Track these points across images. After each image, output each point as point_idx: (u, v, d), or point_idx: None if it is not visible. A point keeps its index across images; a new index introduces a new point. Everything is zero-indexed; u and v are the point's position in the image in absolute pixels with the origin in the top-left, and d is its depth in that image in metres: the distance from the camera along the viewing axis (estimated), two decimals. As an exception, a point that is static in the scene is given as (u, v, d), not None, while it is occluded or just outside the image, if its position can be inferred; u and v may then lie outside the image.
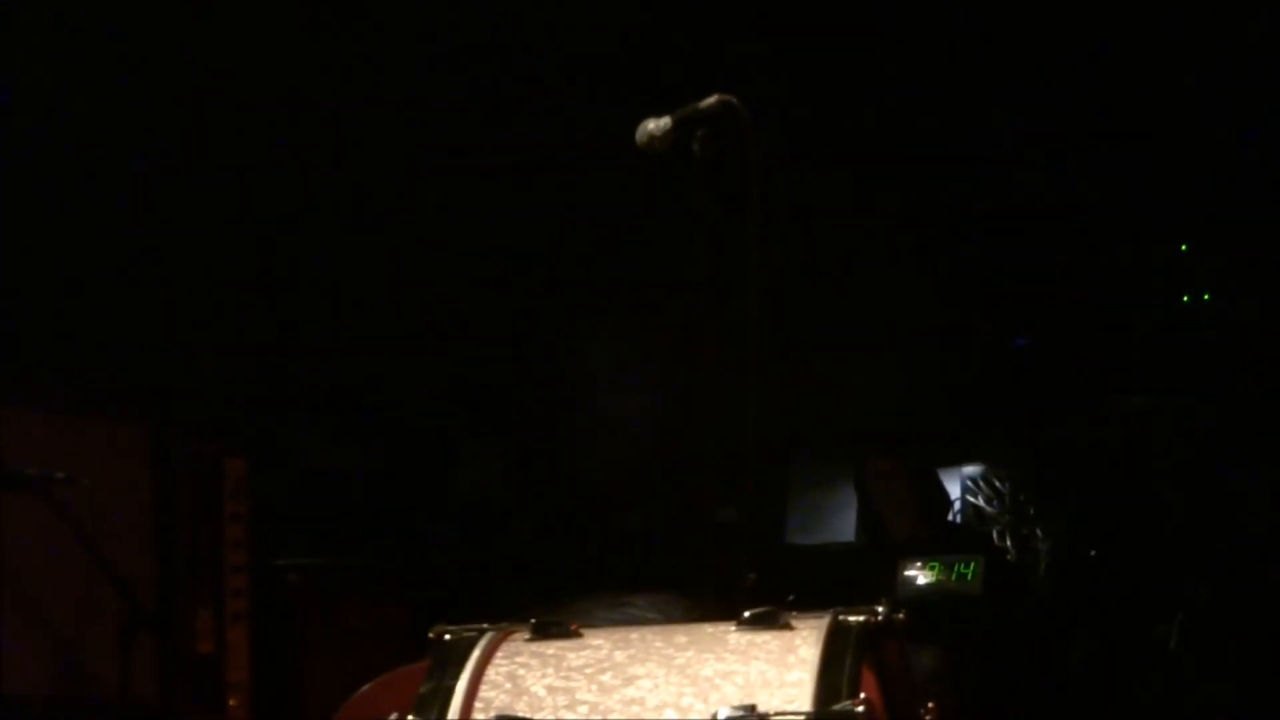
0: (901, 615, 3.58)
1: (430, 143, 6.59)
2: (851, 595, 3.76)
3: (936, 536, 6.75)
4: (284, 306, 6.45)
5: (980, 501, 7.32)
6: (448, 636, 3.63)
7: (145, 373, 5.90)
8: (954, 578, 6.41)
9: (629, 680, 3.47)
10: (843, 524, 6.76)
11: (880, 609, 3.54)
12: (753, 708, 3.33)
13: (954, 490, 7.31)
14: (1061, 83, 7.13)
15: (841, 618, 3.51)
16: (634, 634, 3.65)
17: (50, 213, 5.95)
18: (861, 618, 3.51)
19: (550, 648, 3.59)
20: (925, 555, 6.47)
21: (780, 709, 3.33)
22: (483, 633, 3.64)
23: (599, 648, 3.57)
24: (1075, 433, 7.29)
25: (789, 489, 6.87)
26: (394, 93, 6.54)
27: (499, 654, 3.59)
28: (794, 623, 3.55)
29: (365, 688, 3.99)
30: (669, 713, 3.40)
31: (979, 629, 6.37)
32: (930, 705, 3.68)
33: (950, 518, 7.19)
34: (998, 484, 7.32)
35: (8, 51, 5.88)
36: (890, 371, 7.13)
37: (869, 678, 3.42)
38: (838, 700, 3.32)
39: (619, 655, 3.53)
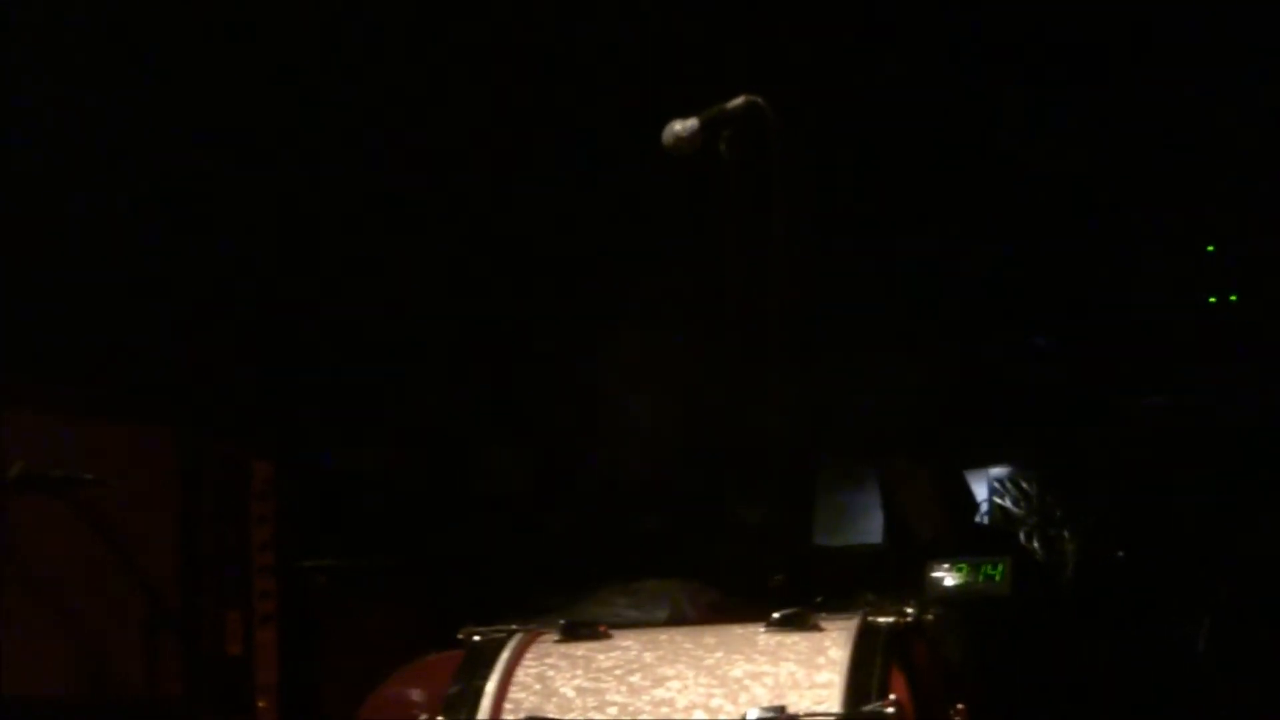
0: (931, 616, 3.58)
1: (456, 145, 6.59)
2: (879, 596, 3.76)
3: (963, 538, 6.74)
4: (310, 308, 6.45)
5: (1007, 503, 7.30)
6: (477, 638, 3.64)
7: (171, 375, 5.90)
8: (981, 579, 6.40)
9: (658, 681, 3.48)
10: (870, 525, 6.75)
11: (909, 610, 3.54)
12: (782, 709, 3.33)
13: (981, 491, 7.30)
14: (1087, 81, 7.11)
15: (870, 619, 3.51)
16: (663, 635, 3.65)
17: (72, 215, 5.96)
18: (891, 619, 3.51)
19: (579, 649, 3.59)
20: (952, 556, 6.46)
21: (810, 710, 3.33)
22: (512, 634, 3.65)
23: (628, 649, 3.57)
24: (1101, 434, 7.27)
25: (815, 490, 6.86)
26: (420, 94, 6.53)
27: (528, 655, 3.60)
28: (823, 624, 3.55)
29: (390, 679, 3.99)
30: (698, 714, 3.40)
31: (1007, 630, 6.36)
32: (960, 706, 3.68)
33: (977, 519, 7.18)
34: (1024, 485, 7.30)
35: (26, 49, 5.89)
36: (915, 372, 7.12)
37: (898, 678, 3.42)
38: (867, 701, 3.32)
39: (648, 656, 3.54)
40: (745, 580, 4.39)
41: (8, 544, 5.34)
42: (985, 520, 7.28)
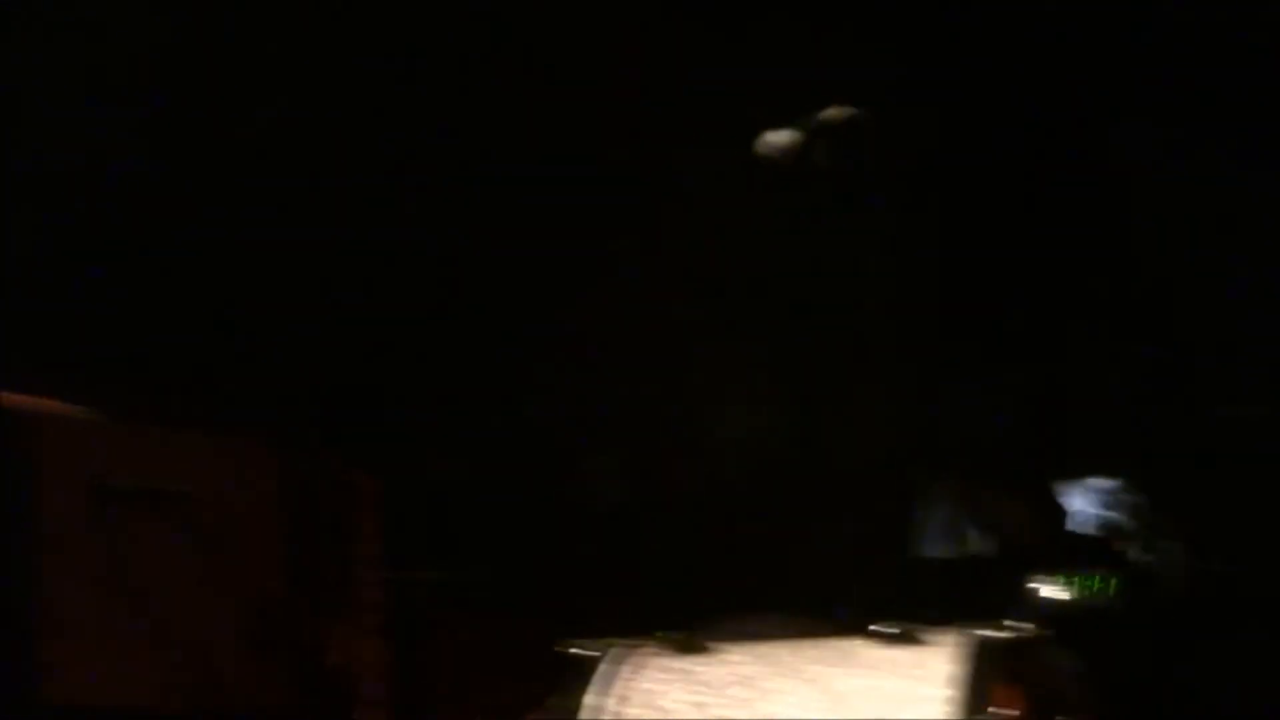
0: (1043, 631, 3.57)
1: (551, 158, 6.61)
2: (982, 610, 3.74)
3: (1065, 550, 6.69)
4: (413, 321, 6.49)
5: (1116, 514, 7.25)
6: (579, 652, 3.65)
7: (276, 387, 5.96)
8: (1088, 592, 6.35)
9: (761, 695, 3.48)
10: (969, 538, 6.72)
11: (1015, 624, 3.53)
12: (886, 724, 3.33)
13: (1089, 504, 7.24)
14: (1184, 87, 7.06)
15: (975, 633, 3.50)
16: (765, 648, 3.65)
17: (178, 234, 6.02)
18: (995, 633, 3.50)
19: (681, 663, 3.60)
20: (1057, 569, 6.42)
21: (915, 725, 3.33)
22: (613, 648, 3.66)
23: (730, 662, 3.58)
24: (1213, 445, 7.21)
25: (916, 502, 6.83)
26: (533, 104, 6.55)
27: (630, 669, 3.60)
28: (925, 637, 3.54)
29: None
30: (801, 728, 3.40)
31: (1115, 644, 6.31)
32: (1076, 721, 3.65)
33: (1084, 531, 7.12)
34: (1134, 497, 7.24)
35: (164, 67, 5.94)
36: (1021, 382, 7.08)
37: (1004, 693, 3.40)
38: (971, 715, 3.31)
39: (750, 670, 3.54)
40: (850, 595, 4.39)
41: (111, 557, 5.40)
42: (1092, 532, 7.23)
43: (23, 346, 5.47)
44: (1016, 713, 3.31)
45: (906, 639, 3.54)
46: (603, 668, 3.60)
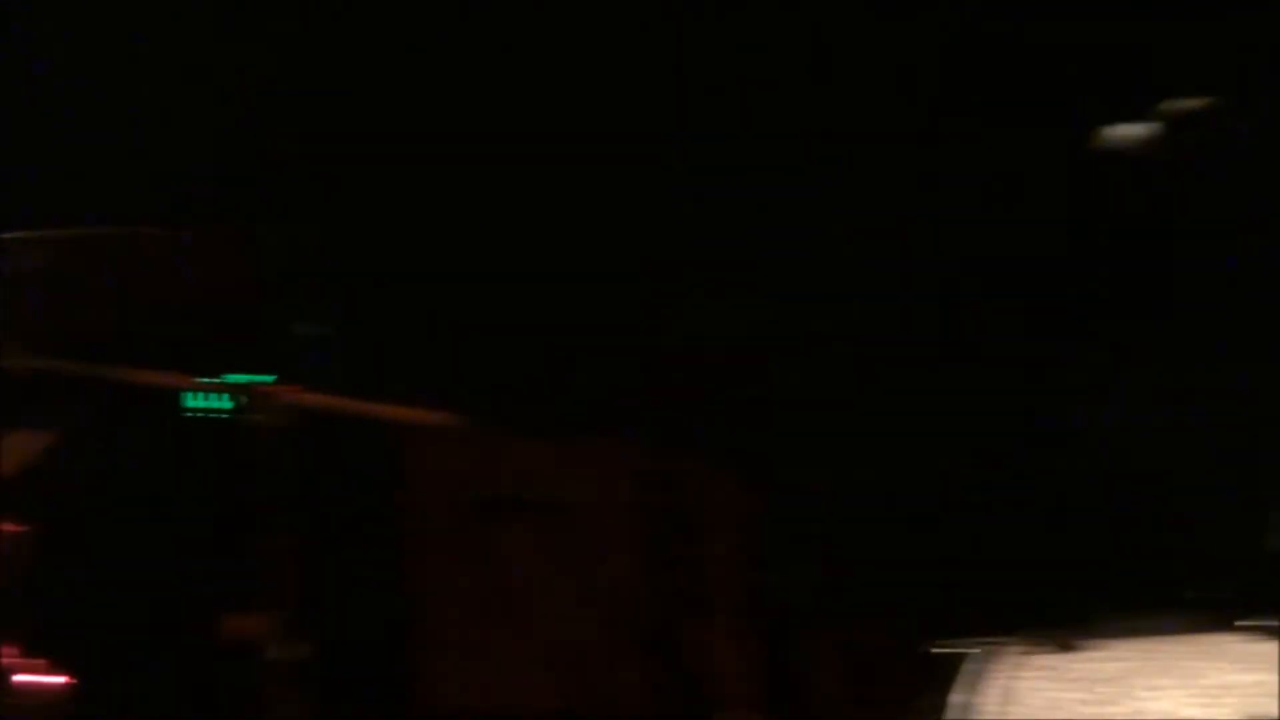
0: None
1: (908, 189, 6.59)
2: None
3: None
4: (772, 328, 6.54)
5: None
6: (952, 651, 3.69)
7: (642, 395, 6.04)
8: None
9: (1127, 691, 3.48)
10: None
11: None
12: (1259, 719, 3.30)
13: None
14: None
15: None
16: (1134, 645, 3.64)
17: (548, 254, 6.12)
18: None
19: (1052, 660, 3.61)
20: None
21: (1286, 720, 3.29)
22: (980, 647, 3.68)
23: (1100, 659, 3.58)
24: None
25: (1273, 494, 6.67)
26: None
27: (1003, 667, 3.63)
28: (1295, 632, 3.50)
29: None
30: (1172, 724, 3.39)
31: None
32: None
33: None
34: None
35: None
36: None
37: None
38: (1350, 709, 3.26)
39: (1121, 667, 3.54)
40: (1215, 590, 4.33)
41: (482, 564, 5.59)
42: None
43: (398, 359, 5.66)
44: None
45: (1277, 633, 3.50)
46: (974, 666, 3.63)
